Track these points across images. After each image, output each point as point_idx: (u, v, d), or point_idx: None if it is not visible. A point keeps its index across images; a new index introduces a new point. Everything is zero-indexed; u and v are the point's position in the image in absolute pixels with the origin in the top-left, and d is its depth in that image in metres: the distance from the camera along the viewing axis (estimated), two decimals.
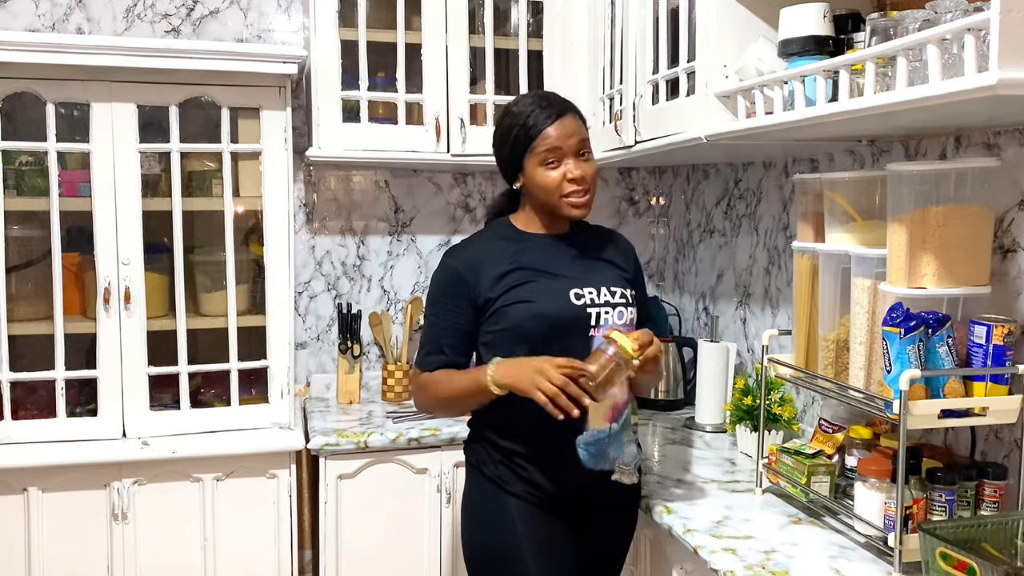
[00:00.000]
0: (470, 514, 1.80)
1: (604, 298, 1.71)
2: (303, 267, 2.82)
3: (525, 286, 1.68)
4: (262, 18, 2.73)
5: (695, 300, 2.86)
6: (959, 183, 1.46)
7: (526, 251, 1.74)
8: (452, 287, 1.72)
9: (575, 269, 1.74)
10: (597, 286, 1.72)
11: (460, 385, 1.68)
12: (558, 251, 1.75)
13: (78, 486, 2.23)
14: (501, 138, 1.74)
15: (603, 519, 1.78)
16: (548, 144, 1.66)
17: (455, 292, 1.71)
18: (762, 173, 2.44)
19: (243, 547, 2.34)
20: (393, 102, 2.54)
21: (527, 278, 1.69)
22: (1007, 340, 1.41)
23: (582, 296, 1.69)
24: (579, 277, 1.72)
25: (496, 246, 1.75)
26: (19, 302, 2.30)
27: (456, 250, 1.77)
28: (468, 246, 1.78)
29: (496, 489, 1.72)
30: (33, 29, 2.56)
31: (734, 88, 1.77)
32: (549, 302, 1.67)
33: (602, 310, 1.69)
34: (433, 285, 1.77)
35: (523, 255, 1.73)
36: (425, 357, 1.76)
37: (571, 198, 1.69)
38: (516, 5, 2.66)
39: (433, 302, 1.76)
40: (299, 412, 2.58)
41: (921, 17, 1.37)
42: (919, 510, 1.47)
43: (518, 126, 1.69)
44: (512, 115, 1.72)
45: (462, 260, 1.73)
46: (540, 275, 1.70)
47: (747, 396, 2.18)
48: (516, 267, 1.70)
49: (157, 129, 2.31)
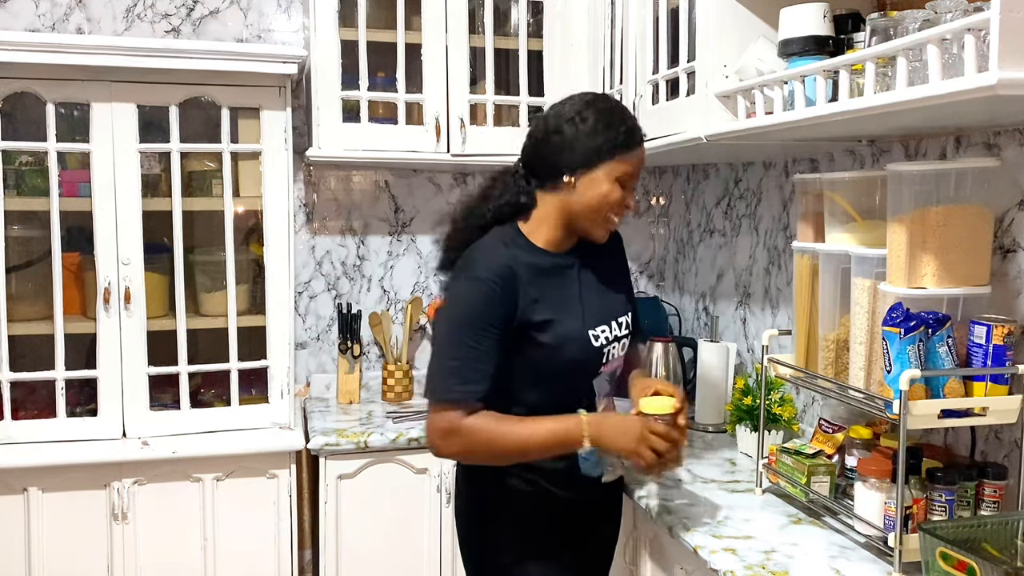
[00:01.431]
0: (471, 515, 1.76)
1: (614, 332, 1.68)
2: (303, 267, 2.82)
3: (552, 325, 1.58)
4: (262, 18, 2.73)
5: (695, 300, 2.86)
6: (959, 183, 1.45)
7: (548, 276, 1.62)
8: (490, 309, 1.54)
9: (591, 301, 1.66)
10: (609, 320, 1.67)
11: (540, 437, 1.54)
12: (574, 277, 1.66)
13: (78, 486, 2.23)
14: (587, 131, 1.55)
15: (598, 527, 1.79)
16: (634, 165, 1.59)
17: (491, 313, 1.54)
18: (762, 173, 2.44)
19: (243, 547, 2.34)
20: (393, 102, 2.54)
21: (553, 313, 1.59)
22: (1007, 340, 1.41)
23: (599, 337, 1.64)
24: (596, 313, 1.65)
25: (519, 263, 1.59)
26: (19, 302, 2.31)
27: (490, 264, 1.57)
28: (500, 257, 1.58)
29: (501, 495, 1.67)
30: (33, 29, 2.56)
31: (734, 88, 1.77)
32: (573, 346, 1.60)
33: (612, 347, 1.67)
34: (465, 303, 1.56)
35: (545, 281, 1.61)
36: (463, 387, 1.53)
37: (612, 221, 1.62)
38: (516, 5, 2.66)
39: (467, 323, 1.54)
40: (299, 412, 2.58)
41: (921, 17, 1.37)
42: (919, 510, 1.47)
43: (613, 129, 1.56)
44: (605, 115, 1.57)
45: (503, 274, 1.55)
46: (564, 311, 1.61)
47: (747, 396, 2.18)
48: (540, 298, 1.59)
49: (157, 129, 2.31)
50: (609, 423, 1.57)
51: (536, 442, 1.55)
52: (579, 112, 1.57)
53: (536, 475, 1.65)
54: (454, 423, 1.53)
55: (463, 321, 1.55)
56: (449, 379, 1.55)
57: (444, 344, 1.59)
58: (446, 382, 1.55)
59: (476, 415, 1.53)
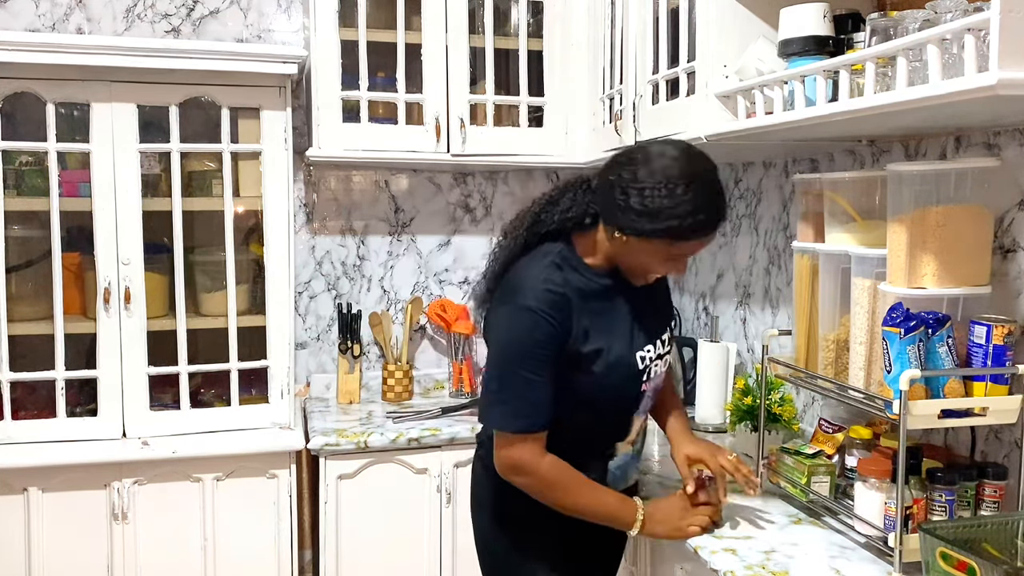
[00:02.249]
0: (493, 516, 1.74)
1: (658, 351, 1.67)
2: (303, 267, 2.82)
3: (599, 355, 1.57)
4: (262, 18, 2.73)
5: (695, 300, 2.86)
6: (959, 183, 1.45)
7: (596, 299, 1.58)
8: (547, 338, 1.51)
9: (639, 322, 1.63)
10: (653, 339, 1.65)
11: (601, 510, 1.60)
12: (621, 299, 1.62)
13: (78, 486, 2.23)
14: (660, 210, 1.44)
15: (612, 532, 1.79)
16: (691, 250, 1.53)
17: (547, 344, 1.52)
18: (762, 173, 2.44)
19: (243, 547, 2.34)
20: (393, 102, 2.54)
21: (601, 343, 1.57)
22: (1007, 340, 1.41)
23: (644, 359, 1.63)
24: (643, 334, 1.64)
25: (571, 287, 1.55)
26: (19, 302, 2.31)
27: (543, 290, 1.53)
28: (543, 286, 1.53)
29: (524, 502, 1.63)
30: (33, 29, 2.56)
31: (734, 88, 1.77)
32: (618, 374, 1.59)
33: (654, 365, 1.66)
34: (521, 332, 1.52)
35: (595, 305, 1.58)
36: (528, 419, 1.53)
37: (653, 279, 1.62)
38: (516, 5, 2.66)
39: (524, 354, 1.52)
40: (299, 412, 2.58)
41: (921, 17, 1.37)
42: (919, 510, 1.47)
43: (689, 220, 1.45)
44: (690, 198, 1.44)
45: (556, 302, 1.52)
46: (612, 336, 1.59)
47: (747, 396, 2.18)
48: (591, 326, 1.56)
49: (157, 129, 2.31)
50: (657, 516, 1.62)
51: (597, 511, 1.61)
52: (659, 182, 1.44)
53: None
54: (528, 463, 1.55)
55: (523, 353, 1.52)
56: (516, 411, 1.54)
57: (505, 374, 1.55)
58: (512, 414, 1.54)
59: (550, 460, 1.55)
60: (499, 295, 1.61)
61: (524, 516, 1.66)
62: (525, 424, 1.53)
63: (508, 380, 1.54)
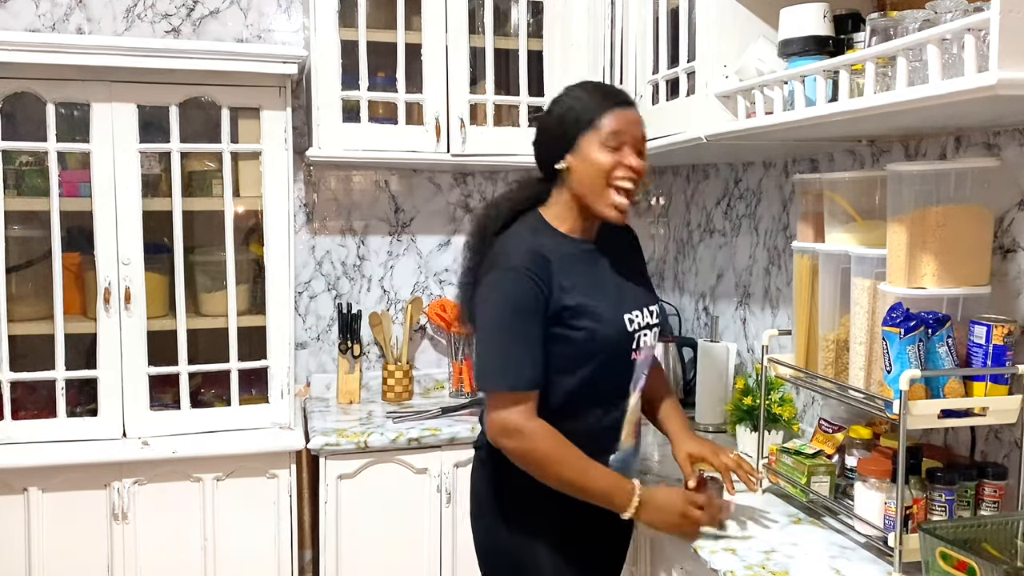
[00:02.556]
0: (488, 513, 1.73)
1: (646, 320, 1.68)
2: (303, 267, 2.82)
3: (586, 308, 1.59)
4: (262, 18, 2.73)
5: (695, 300, 2.86)
6: (959, 183, 1.45)
7: (577, 261, 1.63)
8: (530, 297, 1.55)
9: (623, 287, 1.68)
10: (641, 307, 1.68)
11: (592, 485, 1.56)
12: (602, 264, 1.68)
13: (78, 486, 2.23)
14: (560, 117, 1.61)
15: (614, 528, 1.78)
16: (614, 126, 1.57)
17: (534, 301, 1.56)
18: (762, 173, 2.44)
19: (243, 547, 2.34)
20: (393, 102, 2.54)
21: (586, 296, 1.60)
22: (1007, 340, 1.41)
23: (633, 321, 1.65)
24: (628, 298, 1.67)
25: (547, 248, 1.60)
26: (19, 302, 2.31)
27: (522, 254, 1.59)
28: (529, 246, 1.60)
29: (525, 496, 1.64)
30: (33, 29, 2.56)
31: (734, 88, 1.77)
32: (609, 327, 1.61)
33: (643, 333, 1.67)
34: (508, 293, 1.57)
35: (575, 267, 1.62)
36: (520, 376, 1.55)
37: (620, 184, 1.58)
38: (516, 5, 2.66)
39: (513, 313, 1.56)
40: (299, 412, 2.59)
41: (921, 17, 1.37)
42: (919, 510, 1.47)
43: (580, 105, 1.60)
44: (573, 96, 1.62)
45: (535, 264, 1.57)
46: (596, 294, 1.62)
47: (747, 396, 2.18)
48: (575, 279, 1.60)
49: (157, 129, 2.31)
50: (655, 502, 1.59)
51: (588, 485, 1.56)
52: (553, 104, 1.66)
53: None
54: (518, 423, 1.54)
55: (509, 311, 1.56)
56: (505, 369, 1.55)
57: (494, 335, 1.58)
58: (502, 372, 1.56)
59: (540, 425, 1.55)
60: (484, 270, 1.64)
61: (526, 515, 1.66)
62: (513, 380, 1.54)
63: (496, 341, 1.58)
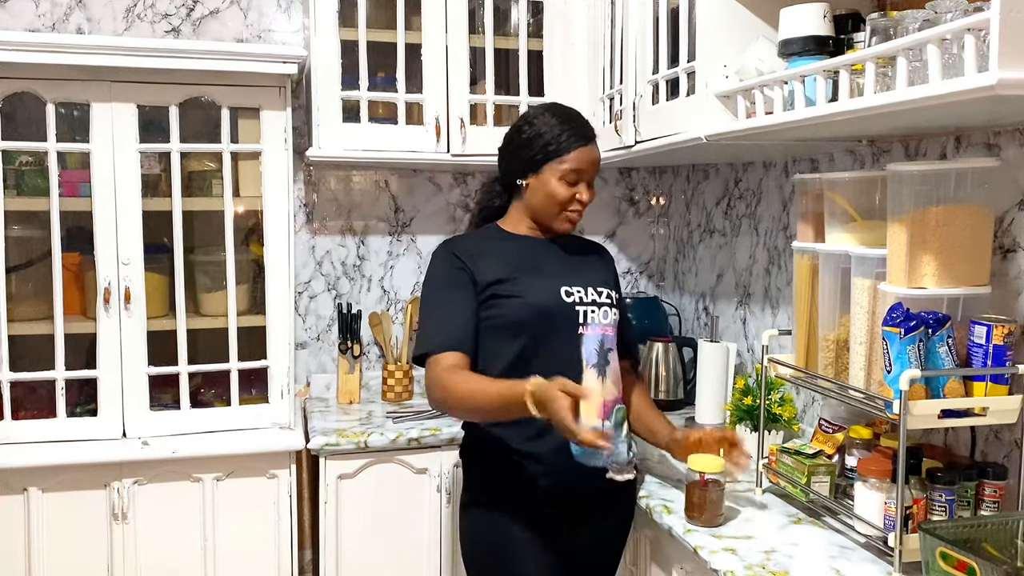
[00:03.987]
0: (466, 511, 1.82)
1: (591, 297, 1.77)
2: (303, 267, 2.82)
3: (517, 280, 1.74)
4: (262, 18, 2.73)
5: (695, 300, 2.86)
6: (959, 183, 1.45)
7: (518, 250, 1.80)
8: (456, 273, 1.75)
9: (563, 268, 1.81)
10: (584, 285, 1.78)
11: (490, 393, 1.60)
12: (547, 252, 1.82)
13: (78, 486, 2.23)
14: (527, 140, 1.77)
15: (599, 518, 1.79)
16: (575, 164, 1.74)
17: (458, 278, 1.74)
18: (762, 173, 2.44)
19: (243, 547, 2.34)
20: (393, 102, 2.54)
21: (519, 273, 1.75)
22: (1007, 340, 1.41)
23: (571, 294, 1.76)
24: (567, 275, 1.79)
25: (490, 243, 1.82)
26: (19, 302, 2.30)
27: (453, 241, 1.85)
28: (465, 239, 1.86)
29: (492, 486, 1.75)
30: (33, 29, 2.56)
31: (734, 88, 1.78)
32: (540, 295, 1.73)
33: (589, 308, 1.76)
34: (435, 272, 1.79)
35: (515, 253, 1.79)
36: (434, 339, 1.71)
37: (570, 215, 1.78)
38: (516, 5, 2.66)
39: (437, 288, 1.77)
40: (299, 412, 2.59)
41: (921, 17, 1.37)
42: (919, 510, 1.47)
43: (551, 135, 1.74)
44: (543, 122, 1.76)
45: (462, 249, 1.79)
46: (531, 272, 1.76)
47: (747, 396, 2.18)
48: (508, 262, 1.76)
49: (157, 129, 2.31)
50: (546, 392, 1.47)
51: (486, 398, 1.60)
52: (520, 125, 1.81)
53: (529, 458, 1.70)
54: (432, 377, 1.68)
55: (432, 286, 1.78)
56: (424, 338, 1.73)
57: (423, 311, 1.79)
58: (422, 341, 1.73)
59: (450, 370, 1.65)
60: None
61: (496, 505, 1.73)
62: (437, 342, 1.69)
63: (426, 315, 1.77)
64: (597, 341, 1.72)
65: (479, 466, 1.80)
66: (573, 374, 1.63)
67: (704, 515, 1.68)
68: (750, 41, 1.79)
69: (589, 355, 1.70)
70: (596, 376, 1.69)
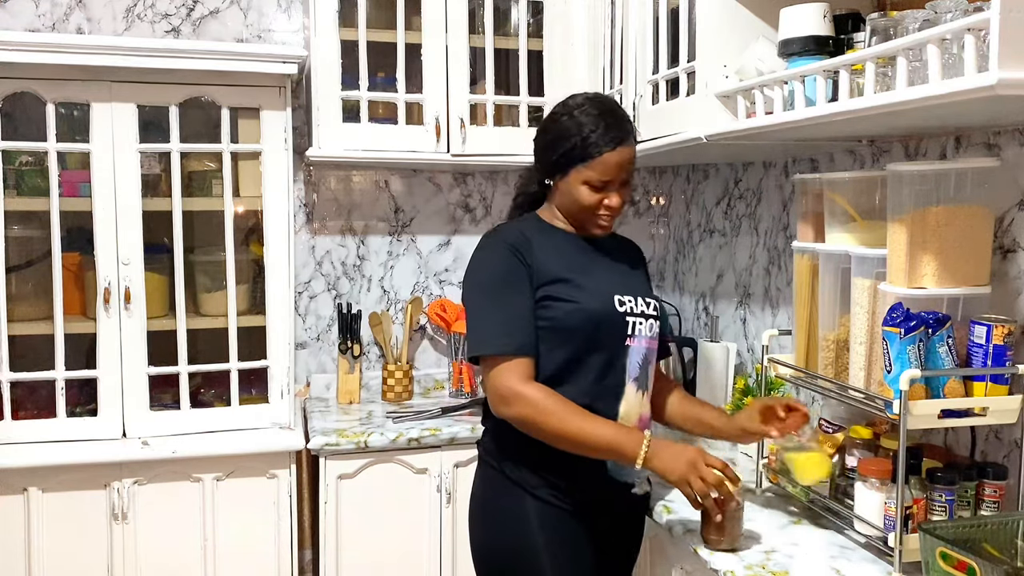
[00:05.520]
0: (486, 513, 1.73)
1: (640, 308, 1.68)
2: (303, 267, 2.82)
3: (571, 283, 1.62)
4: (262, 18, 2.73)
5: (695, 300, 2.86)
6: (959, 183, 1.45)
7: (566, 247, 1.68)
8: (516, 268, 1.60)
9: (612, 273, 1.71)
10: (635, 295, 1.69)
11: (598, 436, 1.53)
12: (595, 254, 1.71)
13: (78, 486, 2.23)
14: (556, 138, 1.64)
15: (618, 528, 1.77)
16: (603, 171, 1.61)
17: (519, 274, 1.60)
18: (762, 173, 2.44)
19: (243, 547, 2.34)
20: (393, 102, 2.54)
21: (572, 274, 1.63)
22: (1007, 340, 1.41)
23: (624, 303, 1.66)
24: (619, 283, 1.69)
25: (538, 237, 1.66)
26: (19, 302, 2.31)
27: (504, 231, 1.68)
28: (512, 229, 1.68)
29: (518, 490, 1.65)
30: (33, 29, 2.56)
31: (734, 88, 1.78)
32: (595, 302, 1.63)
33: (638, 320, 1.67)
34: (491, 263, 1.63)
35: (564, 250, 1.67)
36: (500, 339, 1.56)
37: (600, 221, 1.67)
38: (516, 5, 2.66)
39: (496, 281, 1.61)
40: (299, 412, 2.59)
41: (921, 17, 1.37)
42: (919, 510, 1.47)
43: (580, 137, 1.60)
44: (575, 120, 1.62)
45: (519, 240, 1.63)
46: (583, 273, 1.65)
47: (747, 396, 2.18)
48: (560, 260, 1.64)
49: (157, 129, 2.31)
50: (669, 450, 1.54)
51: (593, 435, 1.53)
52: (550, 124, 1.67)
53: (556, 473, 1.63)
54: (514, 389, 1.54)
55: (495, 282, 1.61)
56: (494, 335, 1.57)
57: (482, 305, 1.62)
58: (492, 338, 1.57)
59: (537, 387, 1.55)
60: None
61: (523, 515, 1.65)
62: (505, 343, 1.56)
63: (486, 310, 1.61)
64: (641, 355, 1.68)
65: (505, 470, 1.68)
66: (613, 384, 1.64)
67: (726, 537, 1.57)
68: (750, 41, 1.79)
69: (632, 368, 1.66)
70: (636, 390, 1.67)
